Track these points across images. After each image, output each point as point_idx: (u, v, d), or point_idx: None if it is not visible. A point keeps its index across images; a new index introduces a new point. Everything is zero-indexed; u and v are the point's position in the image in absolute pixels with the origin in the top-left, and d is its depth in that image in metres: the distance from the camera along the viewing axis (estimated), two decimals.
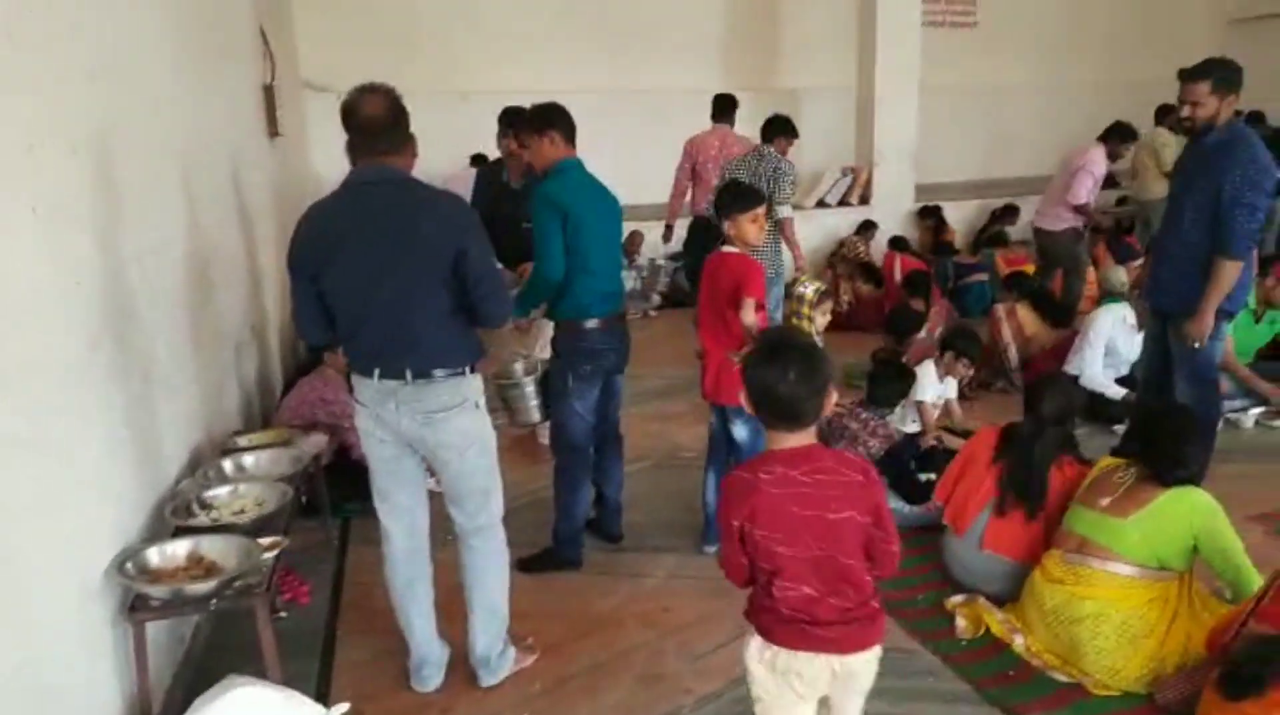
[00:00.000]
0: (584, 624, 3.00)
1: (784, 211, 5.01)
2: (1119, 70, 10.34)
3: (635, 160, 9.65)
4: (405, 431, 2.42)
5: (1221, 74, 3.37)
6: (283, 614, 2.99)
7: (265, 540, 2.43)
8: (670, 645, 2.88)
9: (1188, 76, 3.39)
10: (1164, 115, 7.06)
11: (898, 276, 6.82)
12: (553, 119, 3.09)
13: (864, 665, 1.81)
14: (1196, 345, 3.50)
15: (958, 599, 2.99)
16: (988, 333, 5.39)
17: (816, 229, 8.53)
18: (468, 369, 2.43)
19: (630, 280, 7.43)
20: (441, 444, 2.43)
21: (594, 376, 3.20)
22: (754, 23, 9.95)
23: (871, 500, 1.74)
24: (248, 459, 3.05)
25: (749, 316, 2.95)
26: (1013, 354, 5.36)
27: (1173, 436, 2.69)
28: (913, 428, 4.20)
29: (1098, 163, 6.21)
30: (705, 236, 5.43)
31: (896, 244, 7.52)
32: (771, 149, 5.17)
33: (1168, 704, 2.42)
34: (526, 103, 3.40)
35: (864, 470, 1.77)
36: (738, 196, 3.18)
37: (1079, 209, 6.26)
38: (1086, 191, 6.16)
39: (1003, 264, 7.41)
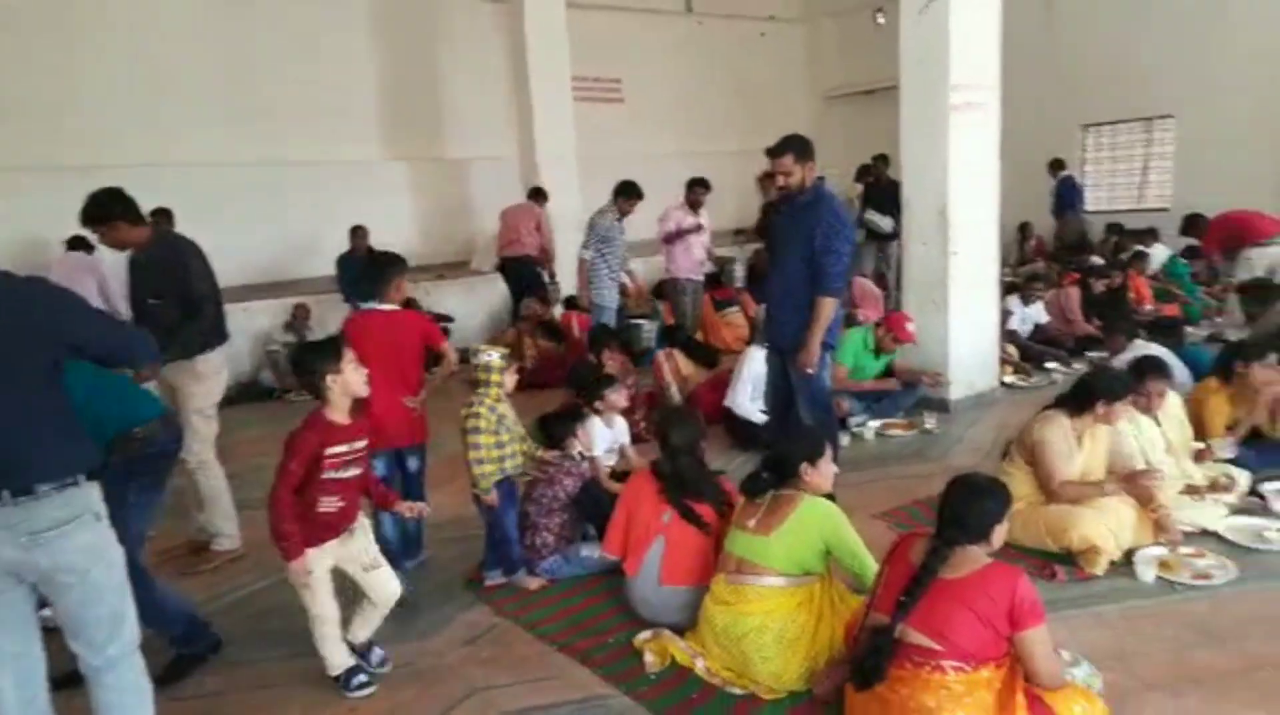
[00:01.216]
0: None
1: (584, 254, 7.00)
2: (746, 139, 11.83)
3: (296, 232, 9.19)
4: (6, 560, 2.06)
5: (798, 147, 4.04)
6: None
7: None
8: None
9: (774, 153, 4.04)
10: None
11: (577, 332, 7.15)
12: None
13: None
14: (810, 371, 4.05)
15: (644, 635, 3.12)
16: (653, 377, 5.86)
17: (498, 291, 8.70)
18: (82, 477, 2.13)
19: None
20: (58, 567, 2.10)
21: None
22: (412, 96, 10.04)
23: None
24: None
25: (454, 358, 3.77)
26: (674, 393, 5.89)
27: (790, 452, 3.03)
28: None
29: (671, 218, 7.59)
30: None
31: (570, 303, 7.89)
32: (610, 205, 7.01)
33: (824, 696, 2.70)
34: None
35: None
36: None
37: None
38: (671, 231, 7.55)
39: (667, 314, 8.10)
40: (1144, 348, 5.33)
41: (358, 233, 8.09)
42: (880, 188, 8.89)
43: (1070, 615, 3.18)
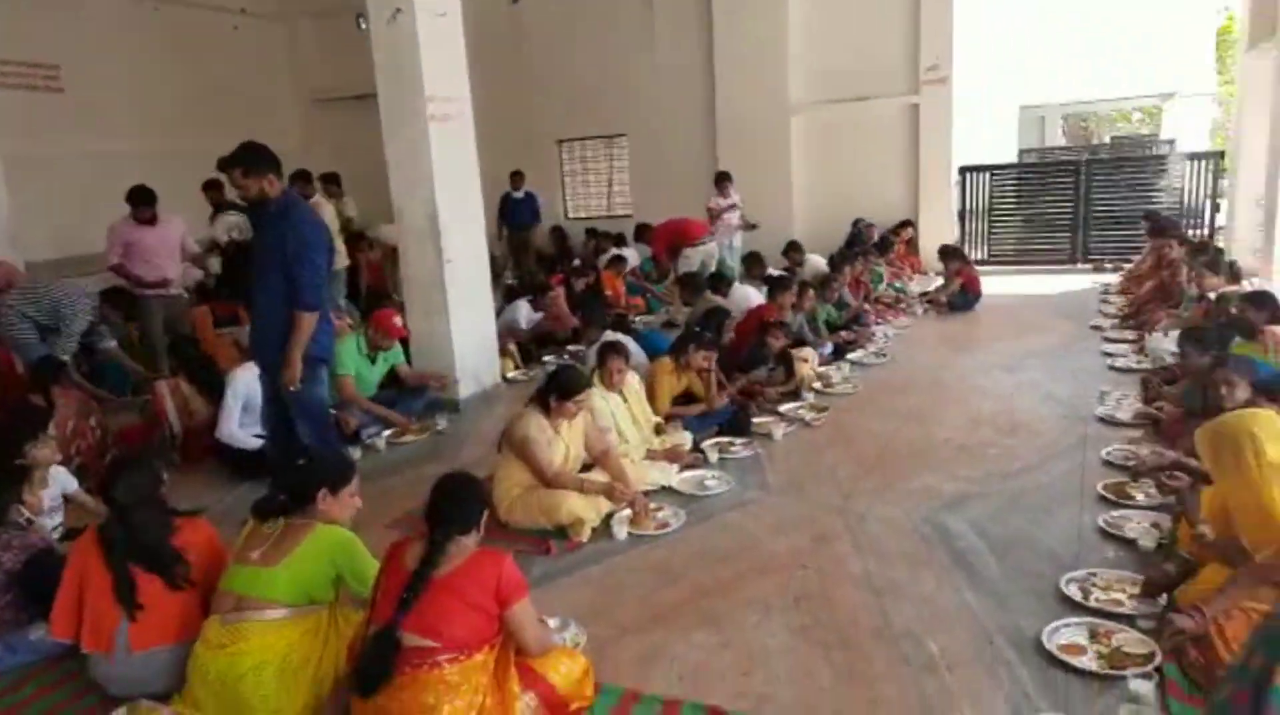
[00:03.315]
0: None
1: None
2: (222, 141, 10.83)
3: None
4: None
5: (248, 160, 3.82)
6: None
7: None
8: None
9: (223, 165, 3.79)
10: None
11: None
12: None
13: None
14: (293, 388, 3.90)
15: (118, 713, 2.70)
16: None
17: None
18: None
19: None
20: None
21: None
22: None
23: None
24: None
25: None
26: (175, 423, 5.27)
27: (308, 477, 2.91)
28: None
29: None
30: None
31: None
32: None
33: None
34: None
35: None
36: None
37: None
38: (116, 255, 6.71)
39: None
40: (612, 336, 6.11)
41: None
42: None
43: (562, 582, 3.53)
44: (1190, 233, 9.62)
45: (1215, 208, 10.40)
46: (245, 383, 4.87)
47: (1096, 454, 4.49)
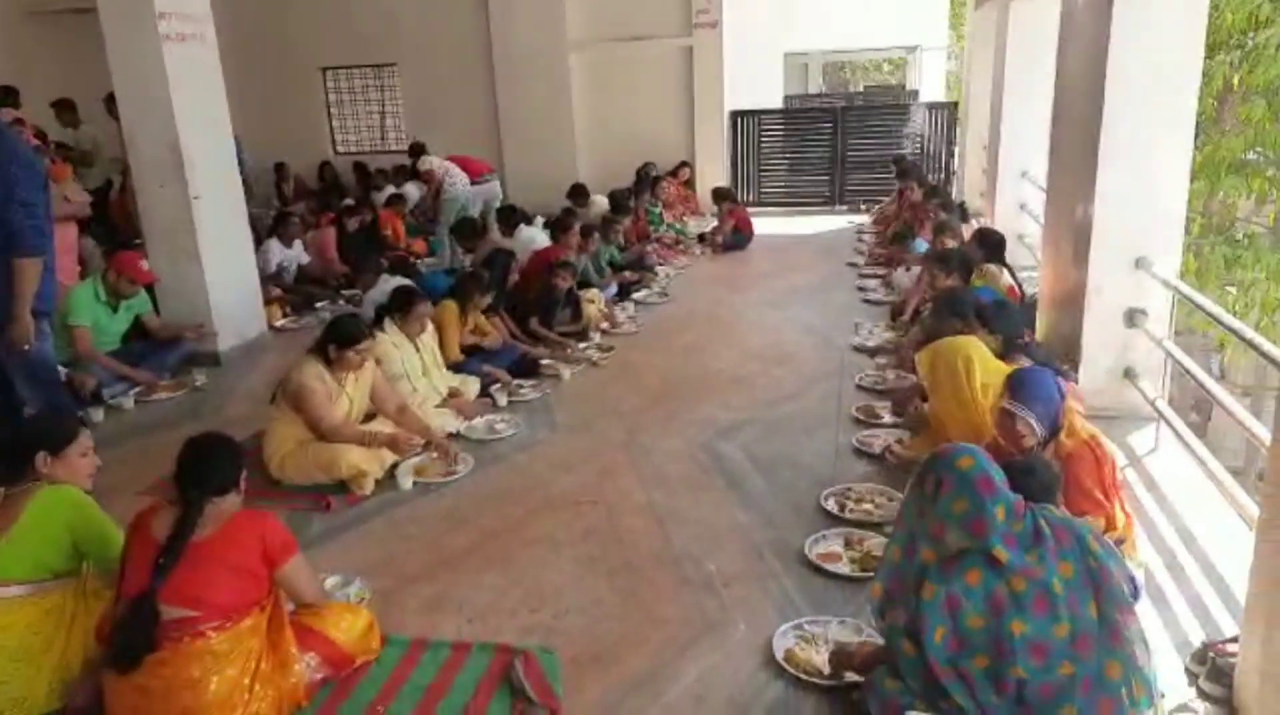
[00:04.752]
0: None
1: None
2: None
3: None
4: None
5: None
6: None
7: None
8: None
9: None
10: None
11: None
12: None
13: None
14: (27, 347, 3.42)
15: None
16: None
17: None
18: None
19: None
20: None
21: None
22: None
23: None
24: None
25: None
26: None
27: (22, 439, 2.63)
28: None
29: None
30: None
31: None
32: None
33: (83, 705, 2.37)
34: None
35: None
36: None
37: None
38: None
39: None
40: (392, 281, 5.85)
41: None
42: None
43: (345, 539, 3.40)
44: (931, 177, 10.62)
45: (951, 153, 11.54)
46: None
47: (851, 380, 4.92)
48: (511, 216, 7.41)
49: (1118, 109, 3.82)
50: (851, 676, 2.34)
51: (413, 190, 9.66)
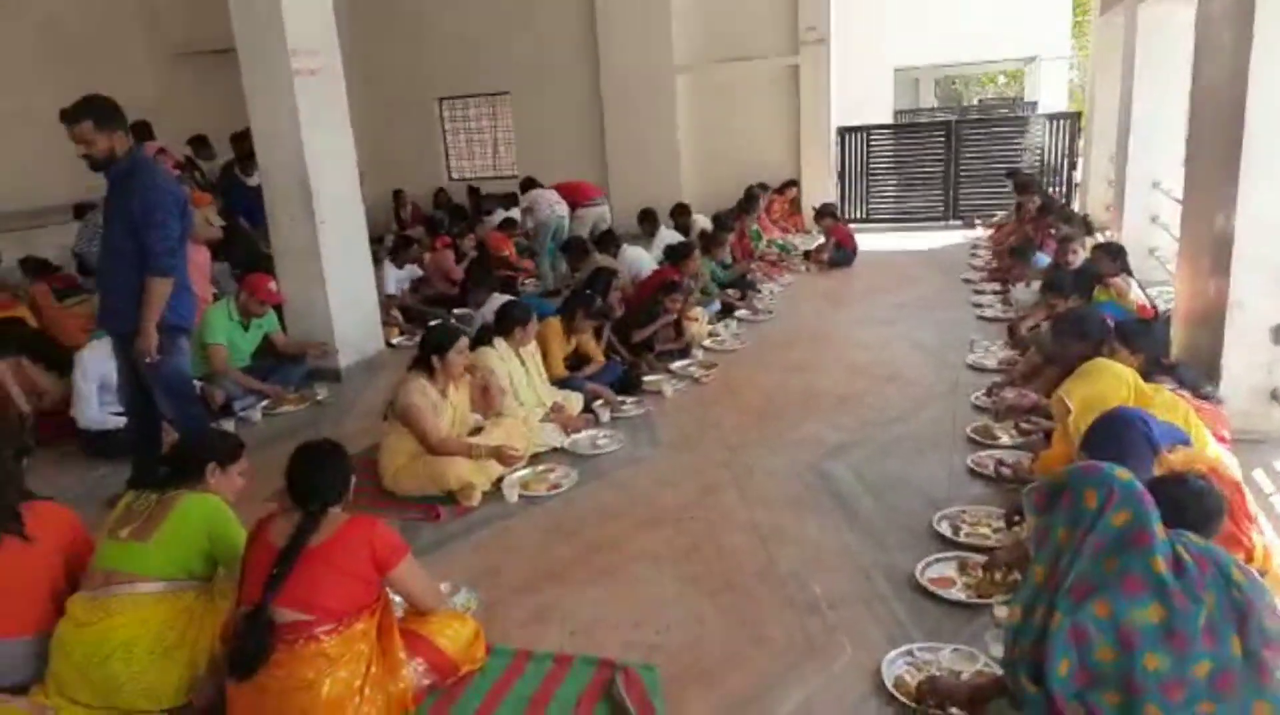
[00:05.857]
0: None
1: None
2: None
3: None
4: None
5: (98, 112, 3.54)
6: None
7: None
8: None
9: (68, 119, 3.48)
10: None
11: None
12: None
13: None
14: (149, 361, 3.66)
15: None
16: None
17: None
18: None
19: None
20: None
21: None
22: None
23: None
24: None
25: None
26: (24, 405, 4.87)
27: (199, 449, 2.84)
28: None
29: None
30: None
31: None
32: None
33: (205, 703, 2.50)
34: None
35: None
36: None
37: None
38: None
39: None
40: (502, 299, 6.01)
41: None
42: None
43: (453, 548, 3.48)
44: (1050, 190, 10.16)
45: (1073, 165, 11.01)
46: (95, 362, 4.56)
47: (966, 399, 4.73)
48: (610, 241, 7.53)
49: (1260, 117, 3.57)
50: (956, 712, 2.22)
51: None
